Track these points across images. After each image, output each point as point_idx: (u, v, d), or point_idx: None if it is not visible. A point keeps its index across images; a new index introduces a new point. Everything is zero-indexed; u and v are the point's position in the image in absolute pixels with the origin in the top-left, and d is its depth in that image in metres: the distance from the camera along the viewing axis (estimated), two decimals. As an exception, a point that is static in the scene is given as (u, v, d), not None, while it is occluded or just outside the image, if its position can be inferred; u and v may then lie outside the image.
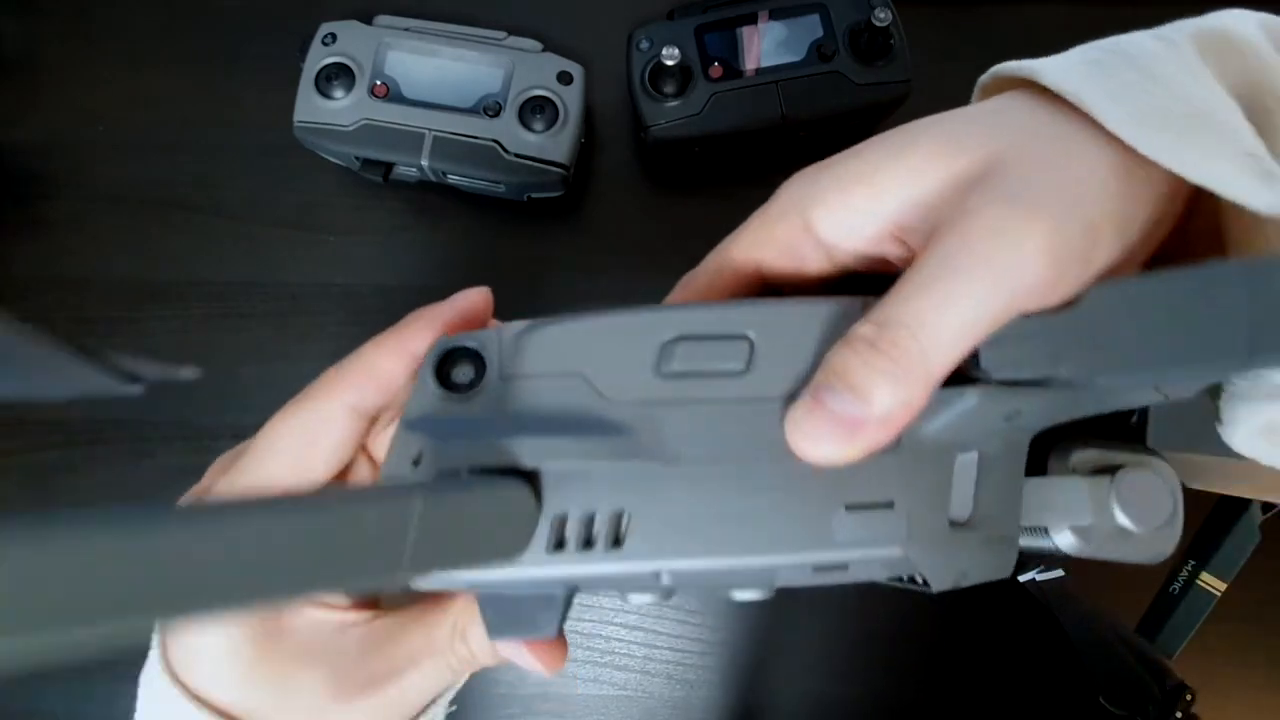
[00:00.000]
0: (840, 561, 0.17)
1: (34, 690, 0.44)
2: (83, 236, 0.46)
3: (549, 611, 0.18)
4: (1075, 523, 0.19)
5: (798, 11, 0.41)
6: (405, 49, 0.42)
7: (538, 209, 0.45)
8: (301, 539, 0.12)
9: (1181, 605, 0.39)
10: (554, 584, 0.18)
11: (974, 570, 0.17)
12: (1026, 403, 0.17)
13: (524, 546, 0.17)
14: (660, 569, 0.17)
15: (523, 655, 0.19)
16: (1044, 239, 0.16)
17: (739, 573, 0.17)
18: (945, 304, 0.16)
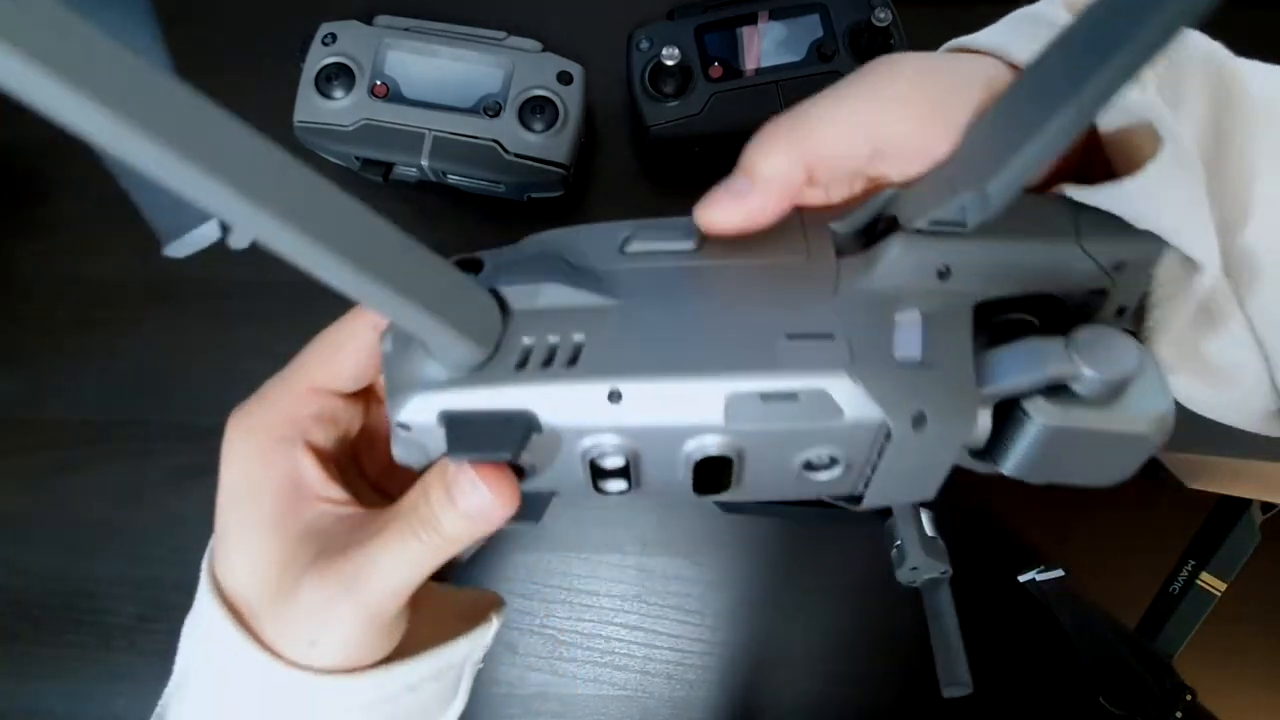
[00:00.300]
0: (788, 390, 0.18)
1: (34, 690, 0.44)
2: (83, 236, 0.46)
3: (508, 432, 0.18)
4: (1034, 377, 0.18)
5: (798, 11, 0.41)
6: (405, 49, 0.42)
7: (538, 209, 0.45)
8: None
9: (1181, 605, 0.39)
10: (515, 406, 0.19)
11: (933, 412, 0.18)
12: (952, 256, 0.19)
13: (489, 343, 0.19)
14: (613, 387, 0.18)
15: (476, 485, 0.19)
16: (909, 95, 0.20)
17: (690, 402, 0.18)
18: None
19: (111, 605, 0.44)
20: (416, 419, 0.19)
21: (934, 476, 0.20)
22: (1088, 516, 0.44)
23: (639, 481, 0.20)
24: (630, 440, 0.19)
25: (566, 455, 0.20)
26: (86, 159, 0.47)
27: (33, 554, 0.44)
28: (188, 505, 0.44)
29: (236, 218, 0.14)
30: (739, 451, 0.19)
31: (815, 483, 0.20)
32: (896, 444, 0.19)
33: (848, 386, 0.18)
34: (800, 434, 0.19)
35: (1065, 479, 0.20)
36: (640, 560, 0.44)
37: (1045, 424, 0.18)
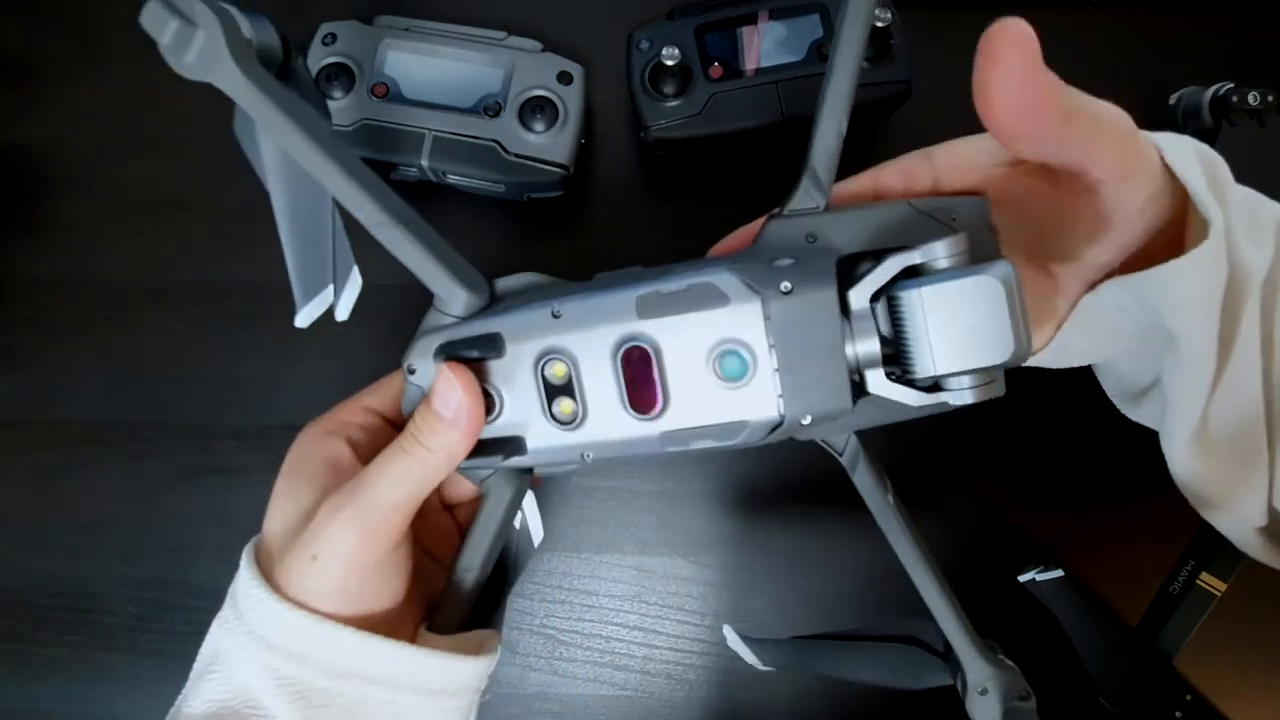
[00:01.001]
0: (682, 287, 0.24)
1: (34, 690, 0.44)
2: (83, 236, 0.46)
3: (480, 342, 0.25)
4: (888, 264, 0.23)
5: (798, 11, 0.41)
6: (405, 49, 0.42)
7: (538, 209, 0.45)
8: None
9: (1181, 605, 0.39)
10: (487, 331, 0.25)
11: (798, 283, 0.23)
12: (813, 225, 0.25)
13: (480, 292, 0.26)
14: (554, 309, 0.25)
15: (451, 385, 0.24)
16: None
17: (609, 308, 0.24)
18: None
19: (111, 605, 0.44)
20: (419, 361, 0.26)
21: (835, 368, 0.24)
22: (1088, 516, 0.44)
23: (583, 402, 0.25)
24: (569, 345, 0.25)
25: (522, 374, 0.25)
26: (86, 160, 0.48)
27: (33, 554, 0.44)
28: (188, 505, 0.44)
29: (356, 207, 0.24)
30: (655, 345, 0.24)
31: (738, 398, 0.24)
32: (776, 318, 0.23)
33: (728, 278, 0.23)
34: (698, 322, 0.24)
35: (972, 360, 0.22)
36: (640, 560, 0.44)
37: (916, 291, 0.22)
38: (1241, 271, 0.26)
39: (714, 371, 0.24)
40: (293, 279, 0.27)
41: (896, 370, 0.24)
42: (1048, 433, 0.45)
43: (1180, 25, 0.47)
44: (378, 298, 0.45)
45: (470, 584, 0.27)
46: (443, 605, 0.27)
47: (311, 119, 0.24)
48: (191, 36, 0.22)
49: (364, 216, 0.24)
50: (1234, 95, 0.37)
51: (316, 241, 0.26)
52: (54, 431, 0.45)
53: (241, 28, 0.24)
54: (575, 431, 0.25)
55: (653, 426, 0.25)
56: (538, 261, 0.46)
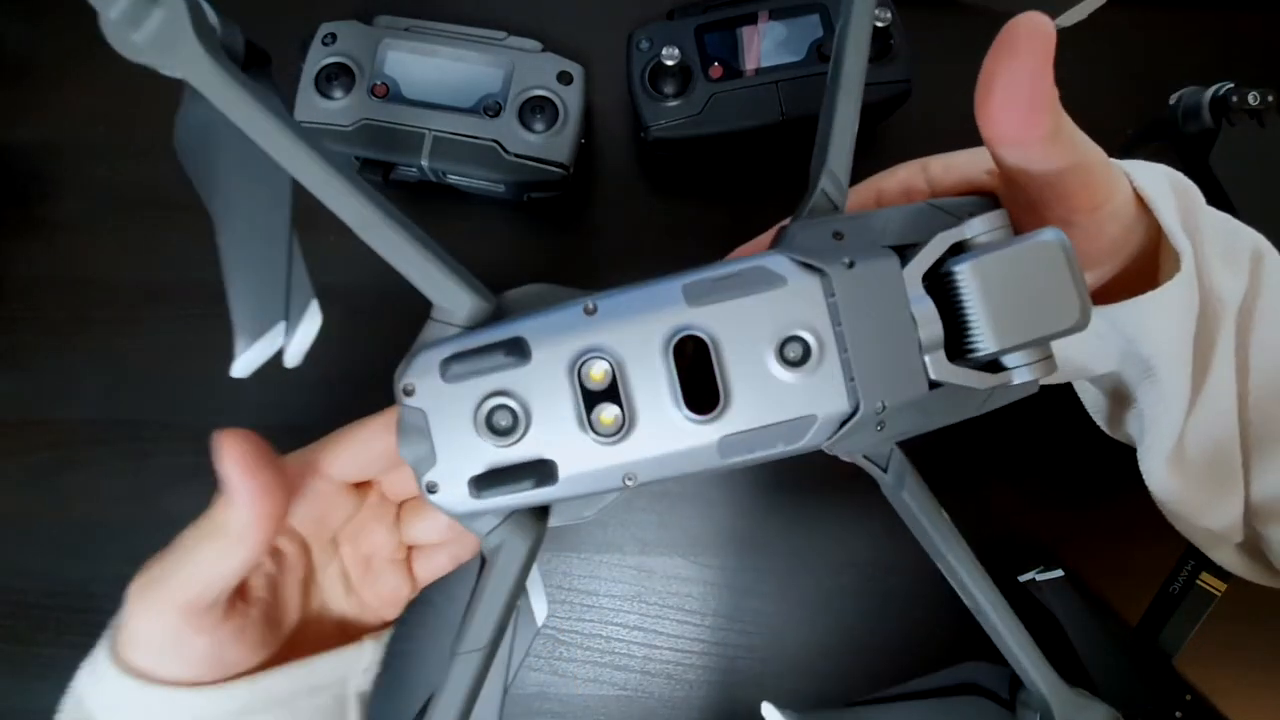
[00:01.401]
0: (733, 272, 0.22)
1: (34, 690, 0.44)
2: (83, 236, 0.46)
3: (500, 349, 0.22)
4: (936, 244, 0.22)
5: (798, 11, 0.41)
6: (405, 49, 0.42)
7: (538, 209, 0.45)
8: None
9: (1181, 605, 0.39)
10: (506, 337, 0.22)
11: (860, 257, 0.22)
12: (839, 224, 0.23)
13: (487, 300, 0.23)
14: (587, 304, 0.22)
15: (243, 479, 0.23)
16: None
17: (653, 297, 0.22)
18: None
19: (111, 605, 0.44)
20: (420, 379, 0.22)
21: (907, 348, 0.22)
22: (1088, 516, 0.44)
23: (630, 408, 0.22)
24: (611, 342, 0.22)
25: (553, 382, 0.22)
26: (86, 160, 0.48)
27: (33, 554, 0.44)
28: (188, 505, 0.43)
29: (340, 207, 0.22)
30: (710, 335, 0.22)
31: (804, 390, 0.22)
32: (842, 295, 0.21)
33: (781, 260, 0.22)
34: (757, 306, 0.22)
35: (1039, 328, 0.21)
36: (640, 560, 0.44)
37: (971, 263, 0.21)
38: (1216, 298, 0.26)
39: (777, 361, 0.22)
40: (234, 318, 0.23)
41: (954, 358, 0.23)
42: (1048, 433, 0.45)
43: (1180, 25, 0.47)
44: (377, 298, 0.46)
45: (476, 669, 0.22)
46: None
47: (285, 113, 0.21)
48: (147, 13, 0.20)
49: (351, 217, 0.22)
50: (1234, 95, 0.36)
51: (268, 273, 0.23)
52: (54, 431, 0.45)
53: (209, 16, 0.22)
54: (619, 446, 0.22)
55: (712, 431, 0.22)
56: (538, 261, 0.46)
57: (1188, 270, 0.24)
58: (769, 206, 0.47)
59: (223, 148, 0.23)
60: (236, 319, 0.23)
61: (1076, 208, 0.23)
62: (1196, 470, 0.28)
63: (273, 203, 0.22)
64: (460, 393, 0.22)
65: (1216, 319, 0.26)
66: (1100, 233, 0.24)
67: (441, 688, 0.22)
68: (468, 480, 0.22)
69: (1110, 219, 0.24)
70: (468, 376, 0.22)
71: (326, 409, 0.45)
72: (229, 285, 0.23)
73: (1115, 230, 0.24)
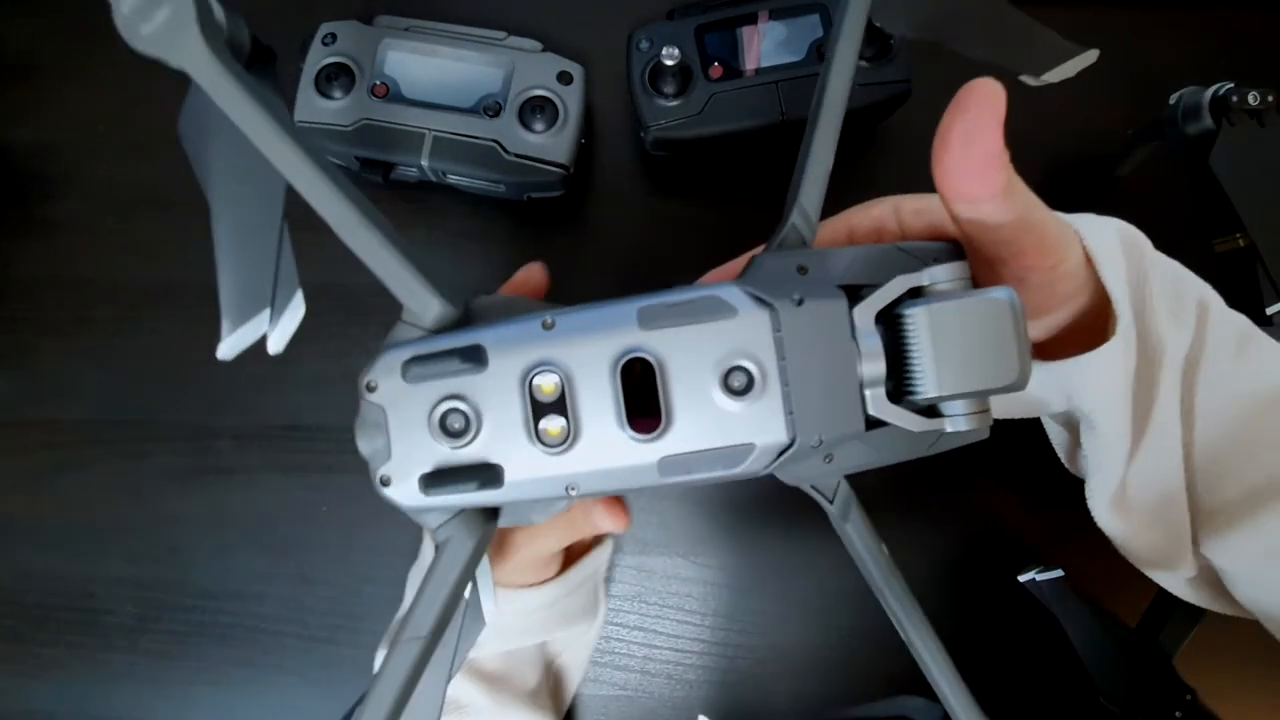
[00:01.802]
0: (688, 299, 0.23)
1: (34, 690, 0.44)
2: (83, 236, 0.46)
3: (457, 355, 0.23)
4: (893, 286, 0.23)
5: (798, 11, 0.41)
6: (405, 49, 0.42)
7: (538, 209, 0.45)
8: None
9: (1181, 605, 0.39)
10: (466, 344, 0.24)
11: (809, 296, 0.23)
12: (805, 259, 0.24)
13: (457, 303, 0.24)
14: (545, 319, 0.23)
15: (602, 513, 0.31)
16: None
17: (609, 318, 0.23)
18: None
19: (111, 605, 0.44)
20: (383, 377, 0.23)
21: (847, 386, 0.23)
22: (1088, 516, 0.44)
23: (576, 421, 0.23)
24: (563, 357, 0.23)
25: (506, 391, 0.23)
26: (86, 160, 0.48)
27: (33, 554, 0.44)
28: (188, 505, 0.44)
29: (321, 205, 0.22)
30: (658, 358, 0.23)
31: (744, 418, 0.23)
32: (788, 330, 0.22)
33: (734, 291, 0.23)
34: (705, 334, 0.23)
35: (977, 381, 0.22)
36: (640, 560, 0.44)
37: (924, 308, 0.22)
38: (1159, 349, 0.27)
39: (720, 388, 0.23)
40: (223, 303, 0.24)
41: (895, 400, 0.23)
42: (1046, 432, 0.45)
43: (1180, 25, 0.47)
44: (376, 298, 0.46)
45: (415, 657, 0.23)
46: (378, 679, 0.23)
47: (280, 111, 0.22)
48: (156, 8, 0.21)
49: (332, 217, 0.22)
50: (1234, 95, 0.36)
51: (258, 261, 0.24)
52: (54, 431, 0.45)
53: (215, 12, 0.23)
54: (562, 457, 0.23)
55: (652, 450, 0.23)
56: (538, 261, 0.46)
57: (1125, 333, 0.26)
58: (769, 206, 0.47)
59: (221, 138, 0.24)
60: (225, 303, 0.24)
61: (1031, 266, 0.24)
62: (1141, 514, 0.30)
63: (266, 195, 0.23)
64: (418, 393, 0.23)
65: (1159, 369, 0.27)
66: (1053, 290, 0.25)
67: (379, 674, 0.23)
68: (418, 477, 0.23)
69: (1063, 277, 0.25)
70: (427, 379, 0.23)
71: (326, 409, 0.45)
72: (219, 271, 0.24)
73: (1068, 287, 0.25)
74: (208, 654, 0.44)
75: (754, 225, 0.46)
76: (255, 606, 0.44)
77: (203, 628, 0.44)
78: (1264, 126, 0.37)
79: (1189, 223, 0.44)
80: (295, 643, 0.44)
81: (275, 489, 0.44)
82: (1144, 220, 0.46)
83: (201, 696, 0.44)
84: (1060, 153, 0.46)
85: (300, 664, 0.44)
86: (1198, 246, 0.39)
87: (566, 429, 0.23)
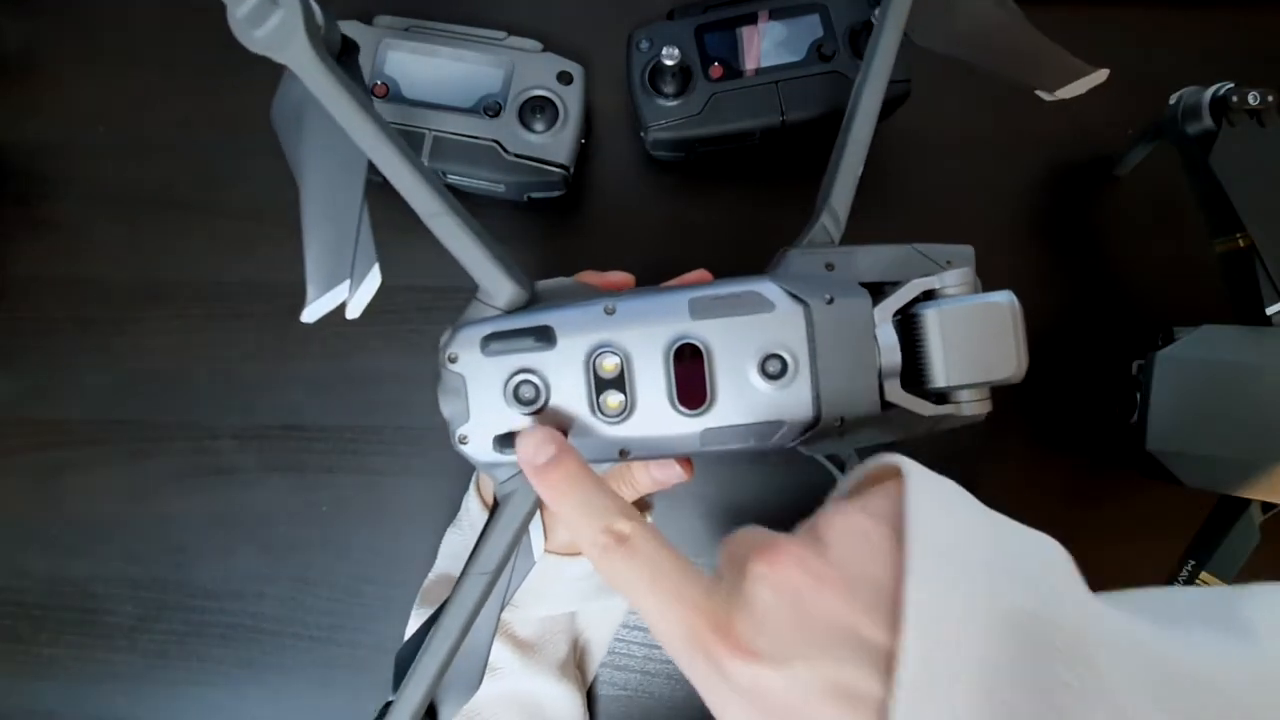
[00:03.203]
0: (732, 293, 0.26)
1: (34, 690, 0.44)
2: (83, 236, 0.46)
3: (530, 334, 0.26)
4: (909, 287, 0.26)
5: (798, 11, 0.41)
6: (405, 49, 0.42)
7: (538, 209, 0.45)
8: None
9: (1181, 605, 0.39)
10: (537, 324, 0.26)
11: (838, 294, 0.26)
12: (831, 256, 0.27)
13: (526, 286, 0.27)
14: (608, 305, 0.26)
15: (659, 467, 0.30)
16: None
17: (663, 307, 0.26)
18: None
19: (111, 605, 0.44)
20: (464, 349, 0.26)
21: (867, 374, 0.26)
22: (1088, 516, 0.44)
23: (632, 397, 0.26)
24: (623, 340, 0.26)
25: (572, 367, 0.26)
26: (86, 160, 0.48)
27: (33, 554, 0.44)
28: (188, 505, 0.44)
29: (409, 193, 0.26)
30: (706, 345, 0.26)
31: (777, 399, 0.26)
32: (819, 325, 0.25)
33: (772, 287, 0.26)
34: (747, 325, 0.26)
35: (979, 374, 0.25)
36: (640, 560, 0.44)
37: (935, 310, 0.25)
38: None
39: (758, 373, 0.25)
40: (308, 272, 0.27)
41: (908, 386, 0.26)
42: (1047, 433, 0.45)
43: (1180, 25, 0.47)
44: (376, 298, 0.46)
45: (483, 588, 0.27)
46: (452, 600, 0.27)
47: (371, 106, 0.26)
48: (270, 13, 0.24)
49: (421, 206, 0.26)
50: (1234, 95, 0.36)
51: (340, 236, 0.27)
52: (54, 431, 0.45)
53: (316, 15, 0.26)
54: (619, 426, 0.26)
55: (696, 423, 0.26)
56: (538, 261, 0.46)
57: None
58: (768, 206, 0.47)
59: (312, 125, 0.27)
60: (310, 272, 0.27)
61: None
62: None
63: (350, 177, 0.26)
64: (494, 366, 0.26)
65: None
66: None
67: (451, 600, 0.27)
68: (493, 438, 0.26)
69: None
70: (502, 353, 0.26)
71: (326, 409, 0.45)
72: (306, 244, 0.27)
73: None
74: (208, 654, 0.44)
75: (754, 224, 0.46)
76: (255, 606, 0.44)
77: (203, 628, 0.44)
78: (1264, 126, 0.37)
79: (1189, 223, 0.44)
80: (295, 643, 0.44)
81: (275, 489, 0.44)
82: (1144, 220, 0.46)
83: (202, 696, 0.44)
84: (1060, 153, 0.46)
85: (300, 664, 0.44)
86: (1198, 246, 0.39)
87: (624, 403, 0.26)
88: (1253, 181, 0.36)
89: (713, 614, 0.20)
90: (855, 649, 0.18)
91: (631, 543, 0.22)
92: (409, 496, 0.44)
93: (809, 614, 0.19)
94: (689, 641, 0.20)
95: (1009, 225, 0.46)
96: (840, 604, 0.19)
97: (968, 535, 0.20)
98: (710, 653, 0.19)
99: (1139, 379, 0.38)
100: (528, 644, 0.37)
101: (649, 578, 0.21)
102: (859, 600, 0.19)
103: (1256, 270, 0.36)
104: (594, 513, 0.23)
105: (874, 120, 0.28)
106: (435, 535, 0.41)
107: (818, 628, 0.18)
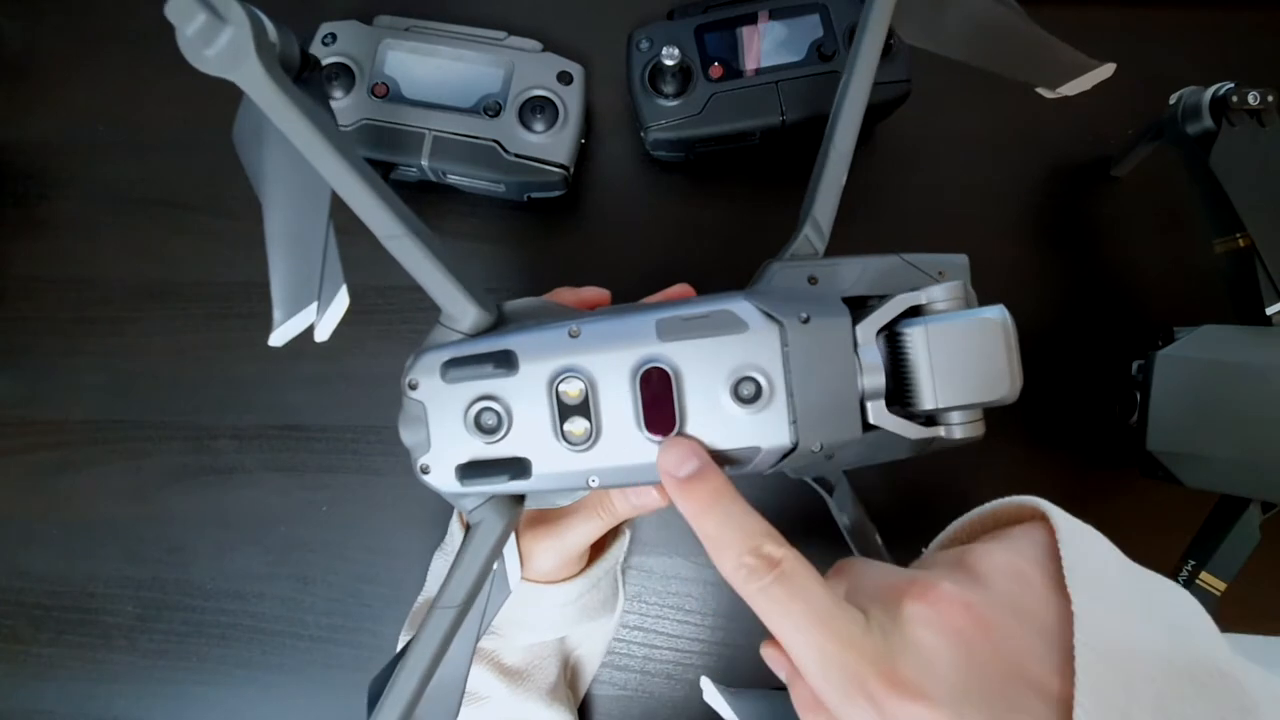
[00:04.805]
0: (702, 313, 0.24)
1: (34, 690, 0.44)
2: (83, 236, 0.46)
3: (490, 359, 0.25)
4: (894, 303, 0.24)
5: (798, 11, 0.41)
6: (405, 49, 0.42)
7: (538, 209, 0.45)
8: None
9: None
10: (497, 349, 0.25)
11: (815, 313, 0.24)
12: (814, 269, 0.26)
13: (489, 309, 0.26)
14: (572, 328, 0.25)
15: (649, 493, 0.28)
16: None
17: (630, 328, 0.25)
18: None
19: (111, 605, 0.44)
20: (424, 376, 0.25)
21: (847, 397, 0.24)
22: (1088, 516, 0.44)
23: (598, 423, 0.25)
24: (587, 364, 0.24)
25: (534, 393, 0.25)
26: (86, 160, 0.48)
27: (33, 554, 0.44)
28: (188, 505, 0.44)
29: (366, 214, 0.24)
30: (674, 368, 0.24)
31: (752, 424, 0.24)
32: (794, 346, 0.24)
33: (745, 306, 0.24)
34: (718, 347, 0.24)
35: (970, 395, 0.23)
36: (640, 560, 0.44)
37: (922, 327, 0.23)
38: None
39: (730, 397, 0.24)
40: (275, 295, 0.26)
41: (894, 406, 0.25)
42: (1046, 433, 0.45)
43: (1180, 25, 0.47)
44: (378, 299, 0.46)
45: (450, 621, 0.26)
46: (419, 637, 0.26)
47: (329, 126, 0.24)
48: (219, 32, 0.23)
49: (378, 227, 0.24)
50: (1234, 95, 0.36)
51: (305, 257, 0.26)
52: (54, 431, 0.45)
53: (268, 32, 0.24)
54: (585, 454, 0.25)
55: (663, 442, 0.25)
56: (538, 261, 0.46)
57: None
58: (768, 206, 0.47)
59: (273, 146, 0.26)
60: (276, 296, 0.26)
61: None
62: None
63: (314, 198, 0.25)
64: (455, 393, 0.25)
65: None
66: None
67: (418, 637, 0.25)
68: (455, 467, 0.25)
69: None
70: (463, 379, 0.25)
71: (326, 409, 0.45)
72: (271, 266, 0.26)
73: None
74: (208, 654, 0.44)
75: (754, 225, 0.46)
76: (255, 606, 0.44)
77: (203, 628, 0.44)
78: (1264, 126, 0.37)
79: (1189, 223, 0.44)
80: (294, 643, 0.44)
81: (275, 489, 0.44)
82: (1144, 220, 0.46)
83: (201, 696, 0.44)
84: (1060, 153, 0.46)
85: (300, 664, 0.44)
86: (1198, 246, 0.39)
87: (589, 430, 0.25)
88: (1253, 181, 0.36)
89: (873, 653, 0.19)
90: (1028, 694, 0.18)
91: (784, 570, 0.21)
92: (409, 496, 0.44)
93: (978, 658, 0.19)
94: (849, 681, 0.19)
95: (1008, 225, 0.46)
96: (1009, 648, 0.18)
97: (1124, 582, 0.20)
98: (873, 695, 0.19)
99: (1139, 379, 0.38)
100: (516, 671, 0.36)
101: (802, 610, 0.20)
102: (1027, 645, 0.18)
103: (1256, 270, 0.36)
104: (741, 533, 0.22)
105: (856, 129, 0.27)
106: (435, 535, 0.41)
107: (989, 672, 0.18)
